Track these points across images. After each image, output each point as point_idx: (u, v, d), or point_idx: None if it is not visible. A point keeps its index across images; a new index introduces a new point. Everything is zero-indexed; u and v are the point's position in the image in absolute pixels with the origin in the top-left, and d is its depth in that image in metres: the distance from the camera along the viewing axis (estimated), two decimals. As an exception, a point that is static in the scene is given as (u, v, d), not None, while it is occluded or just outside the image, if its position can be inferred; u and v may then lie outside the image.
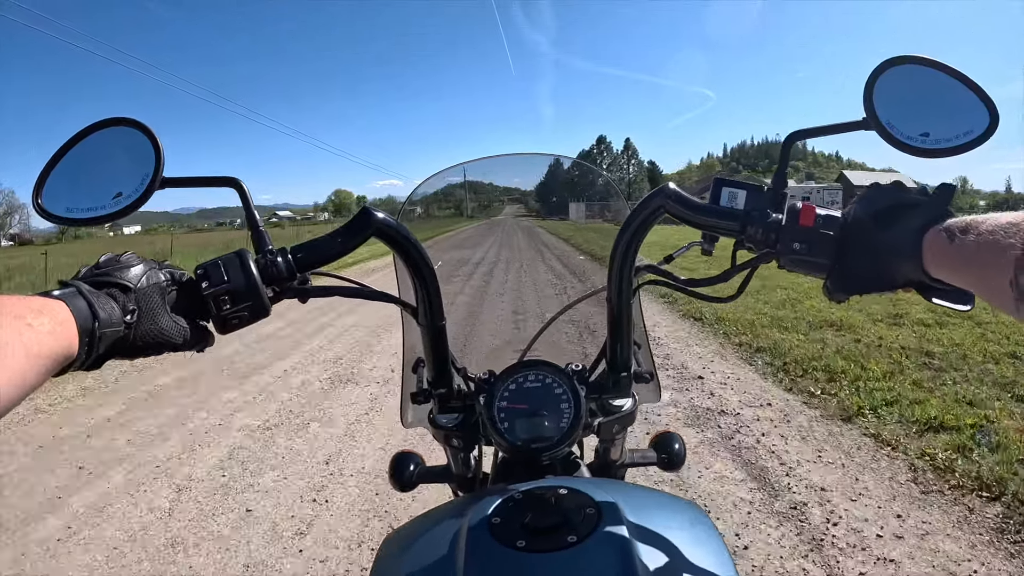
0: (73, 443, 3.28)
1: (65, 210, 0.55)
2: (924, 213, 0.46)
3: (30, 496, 2.68)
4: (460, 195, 1.72)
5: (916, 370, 3.88)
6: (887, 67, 0.54)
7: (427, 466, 0.80)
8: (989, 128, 0.52)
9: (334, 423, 3.40)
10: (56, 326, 0.40)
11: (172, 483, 2.75)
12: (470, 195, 1.73)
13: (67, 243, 56.19)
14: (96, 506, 2.56)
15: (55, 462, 3.03)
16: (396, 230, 0.59)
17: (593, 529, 0.49)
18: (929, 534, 2.11)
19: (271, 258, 0.54)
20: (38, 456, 3.13)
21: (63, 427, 3.53)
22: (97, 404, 3.93)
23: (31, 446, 3.27)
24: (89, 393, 4.17)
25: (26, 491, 2.73)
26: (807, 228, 0.52)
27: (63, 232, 67.32)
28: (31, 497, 2.67)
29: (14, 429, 3.49)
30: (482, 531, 0.50)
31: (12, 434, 3.43)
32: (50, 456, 3.12)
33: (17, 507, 2.58)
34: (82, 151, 0.56)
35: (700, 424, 3.18)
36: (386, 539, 0.59)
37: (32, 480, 2.85)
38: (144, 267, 0.51)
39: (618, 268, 0.63)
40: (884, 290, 0.50)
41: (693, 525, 0.54)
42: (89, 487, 2.75)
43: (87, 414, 3.75)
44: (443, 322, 0.66)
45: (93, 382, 4.35)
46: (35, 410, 3.82)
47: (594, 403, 0.70)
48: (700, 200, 0.57)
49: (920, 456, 2.68)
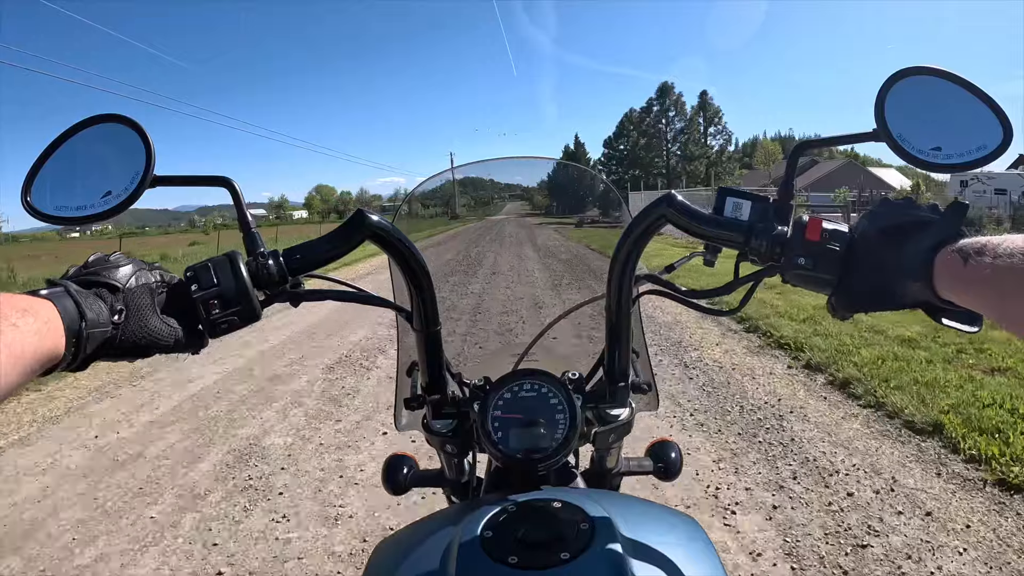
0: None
1: (55, 209, 0.54)
2: (936, 232, 0.45)
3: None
4: (464, 193, 1.68)
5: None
6: (899, 78, 0.53)
7: (421, 470, 0.80)
8: (1003, 143, 0.50)
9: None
10: (42, 326, 0.40)
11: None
12: (469, 193, 1.68)
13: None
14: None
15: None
16: (391, 233, 0.57)
17: (587, 545, 0.48)
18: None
19: (262, 261, 0.53)
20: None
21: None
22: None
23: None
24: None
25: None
26: (813, 242, 0.51)
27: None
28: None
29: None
30: (474, 545, 0.49)
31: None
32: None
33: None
34: (72, 148, 0.55)
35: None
36: (377, 548, 0.59)
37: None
38: (133, 267, 0.50)
39: (618, 277, 0.62)
40: (890, 309, 0.49)
41: (688, 540, 0.53)
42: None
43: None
44: (438, 327, 0.65)
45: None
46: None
47: (590, 412, 0.69)
48: (703, 210, 0.56)
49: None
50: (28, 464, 3.02)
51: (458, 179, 1.36)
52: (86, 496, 2.66)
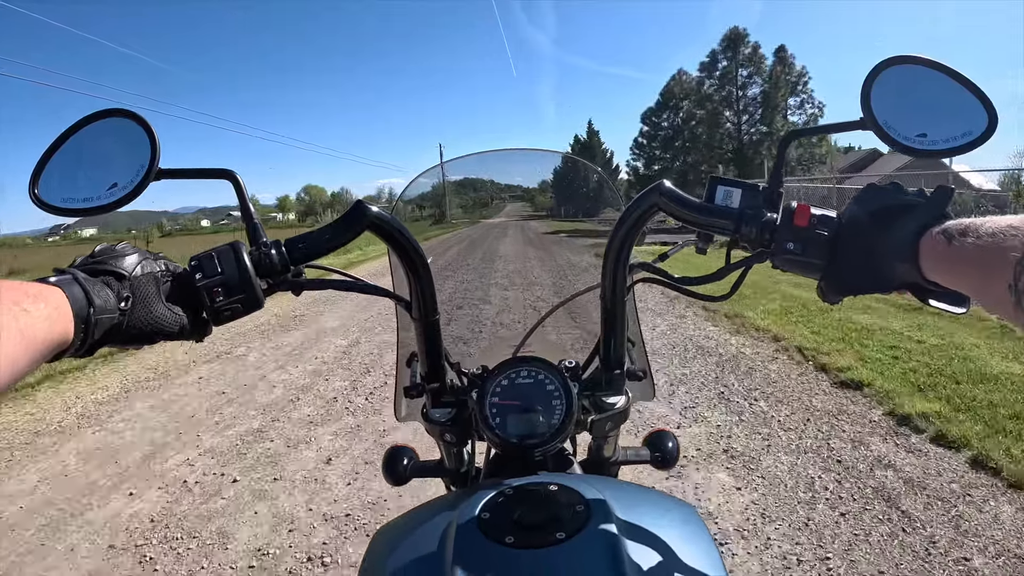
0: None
1: (61, 201, 0.55)
2: (921, 215, 0.46)
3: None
4: (461, 193, 1.57)
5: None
6: (885, 67, 0.54)
7: (420, 460, 0.80)
8: (988, 129, 0.51)
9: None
10: (52, 311, 0.41)
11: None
12: (467, 194, 1.57)
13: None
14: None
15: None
16: (390, 224, 0.59)
17: (582, 526, 0.49)
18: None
19: (265, 251, 0.54)
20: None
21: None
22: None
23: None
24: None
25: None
26: (802, 228, 0.52)
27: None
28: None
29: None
30: (471, 526, 0.50)
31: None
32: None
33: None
34: (78, 142, 0.56)
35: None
36: (377, 532, 0.59)
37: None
38: (139, 256, 0.51)
39: (612, 265, 0.63)
40: (878, 292, 0.50)
41: (683, 524, 0.54)
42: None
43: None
44: (436, 317, 0.66)
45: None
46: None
47: (587, 400, 0.70)
48: (695, 198, 0.57)
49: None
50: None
51: (454, 180, 1.23)
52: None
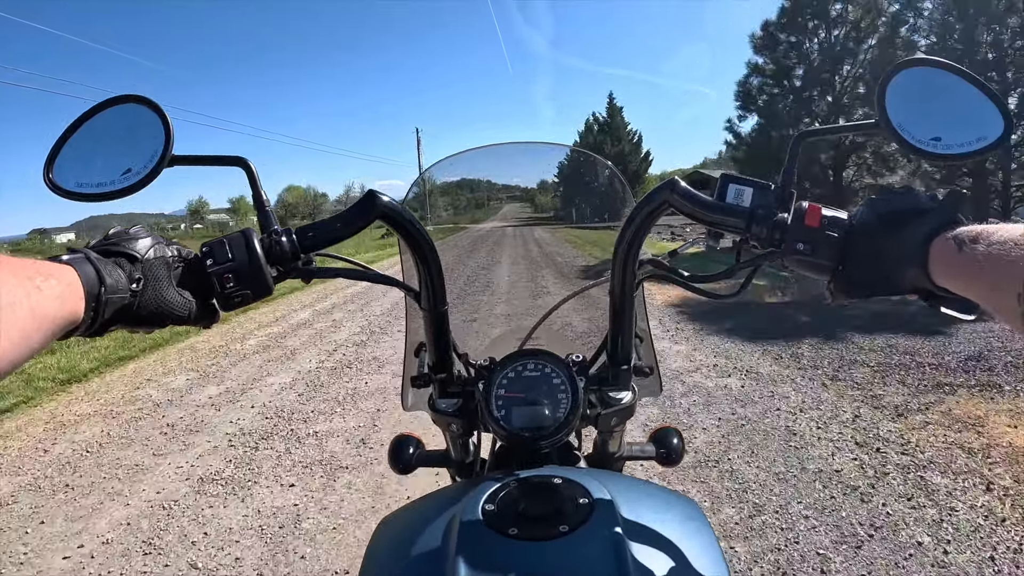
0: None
1: (76, 185, 0.55)
2: (933, 219, 0.45)
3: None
4: (461, 193, 1.39)
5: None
6: (901, 69, 0.54)
7: (426, 450, 0.81)
8: (1003, 135, 0.51)
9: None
10: (64, 289, 0.41)
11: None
12: (464, 194, 1.43)
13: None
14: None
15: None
16: (400, 213, 0.59)
17: (586, 520, 0.49)
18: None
19: (276, 238, 0.54)
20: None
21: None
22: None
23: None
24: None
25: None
26: (812, 229, 0.52)
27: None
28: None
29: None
30: (475, 517, 0.51)
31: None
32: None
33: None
34: (93, 128, 0.57)
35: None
36: (381, 522, 0.60)
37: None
38: (152, 240, 0.51)
39: (621, 261, 0.63)
40: (887, 295, 0.50)
41: (686, 520, 0.54)
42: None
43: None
44: (445, 307, 0.67)
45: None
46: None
47: (594, 395, 0.70)
48: (707, 196, 0.57)
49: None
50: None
51: (445, 183, 1.07)
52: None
